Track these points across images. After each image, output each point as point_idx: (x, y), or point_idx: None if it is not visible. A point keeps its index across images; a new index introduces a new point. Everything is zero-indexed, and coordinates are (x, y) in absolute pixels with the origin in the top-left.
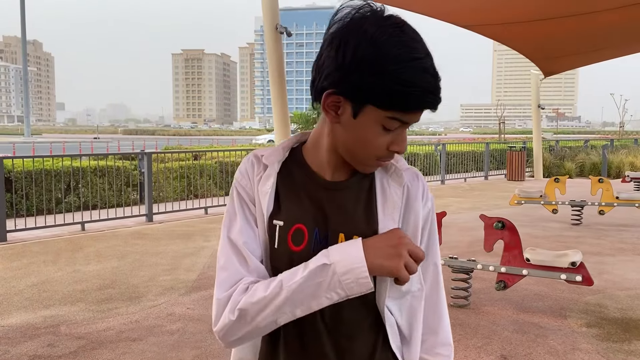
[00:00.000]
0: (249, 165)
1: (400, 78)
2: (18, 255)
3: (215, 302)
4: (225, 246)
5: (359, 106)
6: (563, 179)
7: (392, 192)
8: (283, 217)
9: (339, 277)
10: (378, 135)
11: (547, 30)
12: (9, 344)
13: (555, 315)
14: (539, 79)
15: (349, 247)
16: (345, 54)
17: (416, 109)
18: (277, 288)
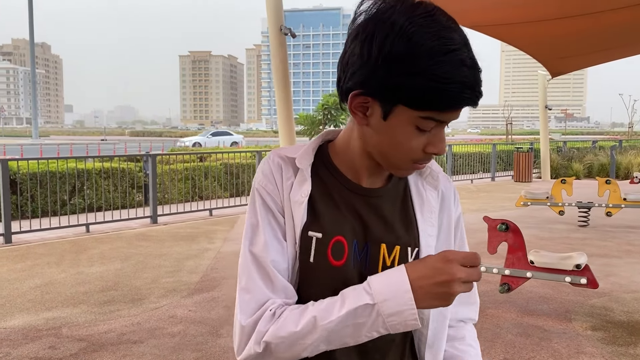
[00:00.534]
0: (274, 167)
1: (435, 74)
2: (22, 257)
3: (239, 329)
4: (248, 262)
5: (389, 107)
6: (570, 180)
7: (428, 196)
8: (321, 229)
9: (384, 319)
10: (412, 137)
11: (553, 30)
12: (11, 346)
13: (560, 318)
14: (546, 80)
15: (394, 283)
16: (372, 49)
17: (454, 107)
18: (309, 325)
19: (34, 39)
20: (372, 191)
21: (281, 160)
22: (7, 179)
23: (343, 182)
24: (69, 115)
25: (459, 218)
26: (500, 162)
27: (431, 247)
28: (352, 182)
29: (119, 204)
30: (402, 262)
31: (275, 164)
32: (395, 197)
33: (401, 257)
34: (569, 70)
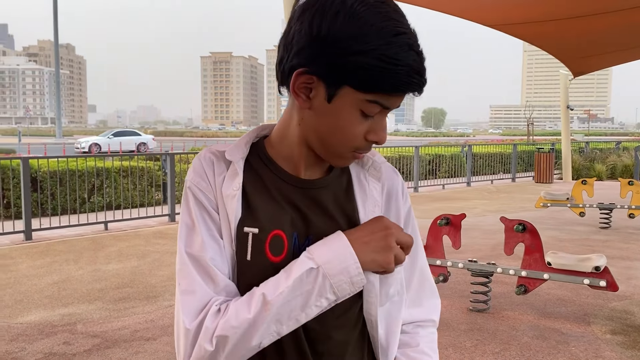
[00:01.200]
0: (205, 163)
1: (384, 54)
2: (42, 253)
3: (184, 334)
4: (186, 264)
5: (335, 88)
6: (591, 181)
7: (371, 188)
8: (257, 224)
9: (330, 280)
10: (356, 123)
11: (576, 29)
12: (26, 341)
13: (578, 321)
14: (568, 80)
15: (334, 244)
16: (321, 26)
17: (401, 90)
18: (259, 304)
19: (58, 40)
20: (311, 182)
21: (212, 156)
22: (27, 177)
23: (280, 175)
24: (93, 115)
25: (408, 212)
26: (521, 162)
27: None
28: (289, 174)
29: (137, 202)
30: None
31: (206, 160)
32: (336, 189)
33: None
34: (592, 70)
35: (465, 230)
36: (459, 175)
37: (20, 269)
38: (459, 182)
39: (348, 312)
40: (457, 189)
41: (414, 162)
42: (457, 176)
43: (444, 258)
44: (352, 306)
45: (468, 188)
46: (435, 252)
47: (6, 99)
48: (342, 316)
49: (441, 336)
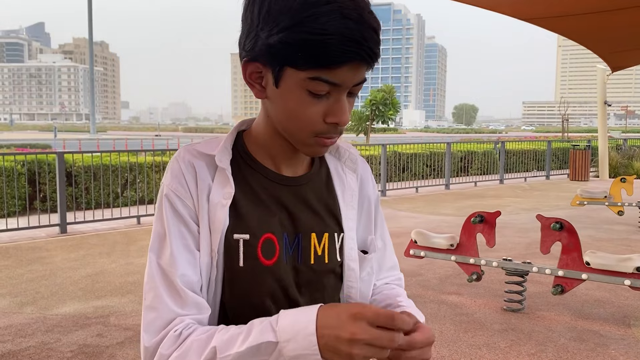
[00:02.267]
0: (185, 167)
1: (310, 26)
2: (76, 246)
3: (143, 350)
4: (155, 277)
5: (278, 71)
6: (630, 179)
7: (348, 180)
8: (247, 230)
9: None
10: (306, 104)
11: (615, 21)
12: (61, 333)
13: (618, 324)
14: (606, 75)
15: (301, 324)
16: (254, 12)
17: (335, 62)
18: (210, 356)
19: (92, 38)
20: (295, 180)
21: (194, 159)
22: (63, 171)
23: (264, 174)
24: (125, 111)
25: (377, 200)
26: (556, 160)
27: (352, 230)
28: (273, 173)
29: None
30: (331, 249)
31: (186, 163)
32: (318, 184)
33: (330, 245)
34: (631, 64)
35: (498, 228)
36: (492, 172)
37: (56, 262)
38: (492, 179)
39: (333, 298)
40: (489, 187)
41: (445, 158)
42: (489, 173)
43: (477, 256)
44: (336, 294)
45: (501, 185)
46: (468, 250)
47: (43, 95)
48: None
49: (475, 335)
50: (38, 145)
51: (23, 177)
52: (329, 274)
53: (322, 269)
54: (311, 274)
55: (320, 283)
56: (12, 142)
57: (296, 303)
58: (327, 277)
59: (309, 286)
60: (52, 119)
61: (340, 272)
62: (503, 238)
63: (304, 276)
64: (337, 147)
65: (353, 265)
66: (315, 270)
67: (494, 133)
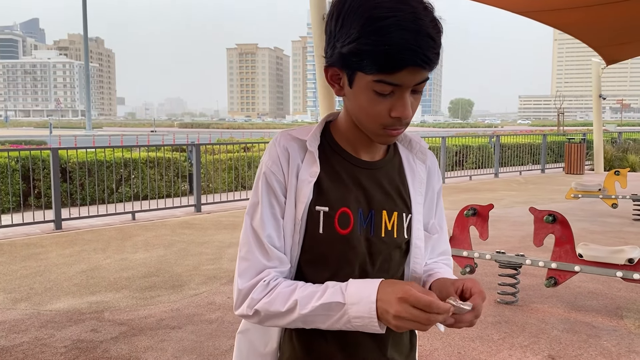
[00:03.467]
0: (281, 151)
1: (373, 38)
2: (71, 242)
3: (237, 292)
4: (248, 235)
5: (350, 74)
6: (624, 172)
7: (418, 170)
8: (327, 203)
9: (349, 318)
10: (374, 102)
11: (610, 15)
12: (55, 328)
13: (610, 315)
14: (601, 68)
15: (366, 291)
16: (332, 26)
17: (395, 68)
18: (292, 307)
19: (87, 33)
20: (372, 164)
21: (288, 143)
22: (57, 167)
23: (346, 158)
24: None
25: (440, 190)
26: (551, 153)
27: (420, 213)
28: (354, 157)
29: (164, 192)
30: (399, 226)
31: (281, 147)
32: (391, 169)
33: (399, 222)
34: (625, 58)
35: (492, 221)
36: (487, 166)
37: (50, 258)
38: (487, 173)
39: (398, 271)
40: (484, 180)
41: (440, 153)
42: (484, 167)
43: (470, 249)
44: (400, 267)
45: (496, 179)
46: (461, 243)
47: (38, 92)
48: (395, 274)
49: (468, 328)
50: (33, 141)
51: (17, 173)
52: (396, 248)
53: (391, 242)
54: (381, 245)
55: (388, 255)
56: (7, 138)
57: (364, 269)
58: (395, 250)
59: (379, 256)
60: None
61: (405, 248)
62: (497, 231)
63: (375, 247)
64: (409, 139)
65: (419, 244)
66: (385, 242)
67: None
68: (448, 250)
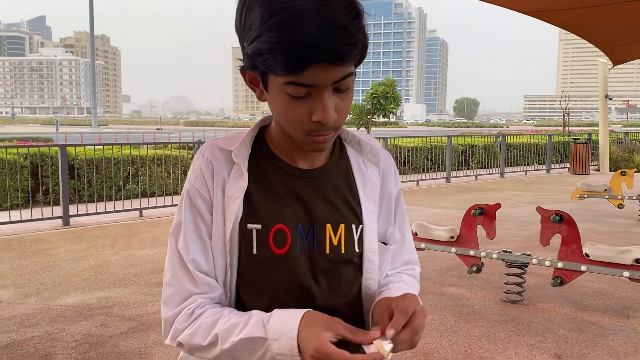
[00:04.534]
0: (204, 165)
1: (269, 35)
2: (79, 239)
3: (163, 320)
4: (173, 258)
5: (262, 76)
6: (630, 172)
7: (369, 173)
8: (259, 220)
9: (272, 355)
10: (290, 106)
11: (617, 15)
12: (65, 323)
13: (617, 315)
14: (607, 68)
15: (287, 326)
16: (237, 26)
17: (299, 66)
18: (213, 341)
19: (94, 31)
20: (311, 172)
21: (212, 156)
22: (65, 164)
23: (281, 167)
24: (127, 105)
25: (398, 194)
26: (556, 153)
27: (373, 223)
28: (290, 166)
29: (171, 189)
30: (348, 240)
31: (205, 161)
32: (336, 176)
33: (347, 235)
34: (632, 58)
35: (498, 221)
36: (492, 166)
37: (59, 253)
38: (492, 173)
39: (352, 288)
40: (490, 180)
41: (446, 152)
42: (490, 167)
43: (477, 248)
44: (354, 284)
45: (501, 179)
46: (468, 242)
47: (44, 89)
48: (348, 293)
49: (474, 326)
50: (40, 138)
51: (26, 170)
52: (346, 264)
53: (338, 259)
54: (327, 263)
55: (337, 272)
56: (14, 135)
57: (309, 291)
58: (345, 267)
59: (325, 275)
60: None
61: (359, 263)
62: (503, 231)
63: (320, 265)
64: (358, 140)
65: (372, 257)
66: (331, 259)
67: (495, 127)
68: (413, 259)
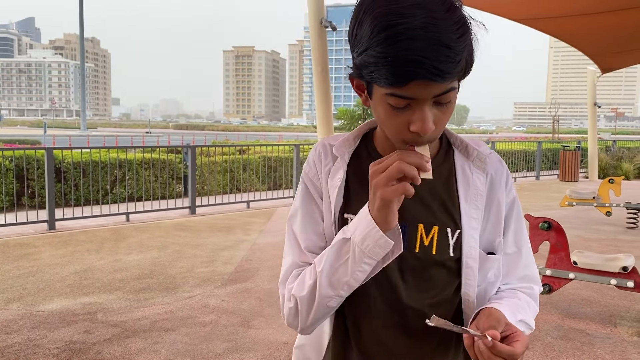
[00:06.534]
0: (316, 156)
1: (376, 50)
2: (64, 243)
3: (280, 298)
4: (289, 239)
5: (368, 85)
6: (618, 180)
7: (474, 179)
8: (355, 211)
9: (360, 247)
10: (391, 115)
11: (606, 24)
12: (48, 329)
13: (604, 323)
14: (596, 76)
15: (359, 216)
16: (350, 31)
17: (402, 82)
18: (314, 272)
19: (83, 33)
20: None
21: (322, 149)
22: (52, 167)
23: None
24: (116, 108)
25: (512, 203)
26: (546, 160)
27: (475, 229)
28: None
29: (159, 194)
30: (441, 242)
31: (317, 153)
32: (435, 179)
33: (440, 237)
34: (621, 66)
35: None
36: None
37: (43, 258)
38: None
39: (443, 292)
40: None
41: None
42: None
43: None
44: (447, 287)
45: None
46: None
47: (32, 91)
48: (437, 295)
49: None
50: (27, 141)
51: (11, 172)
52: (438, 266)
53: (428, 259)
54: (415, 261)
55: (426, 272)
56: (0, 137)
57: (395, 287)
58: (435, 269)
59: (412, 273)
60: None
61: (456, 268)
62: None
63: (407, 262)
64: (466, 145)
65: (472, 263)
66: (419, 258)
67: (485, 133)
68: (532, 276)
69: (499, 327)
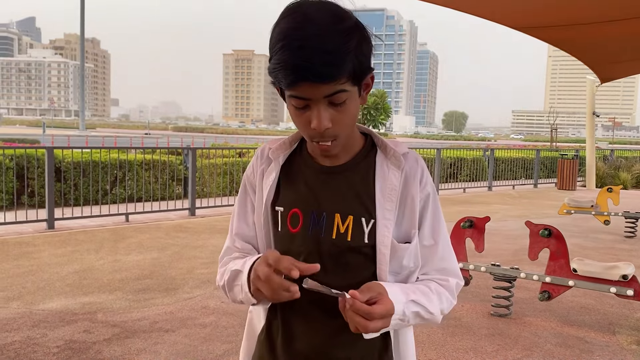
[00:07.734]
0: (254, 158)
1: (275, 58)
2: (64, 242)
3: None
4: (230, 225)
5: (281, 90)
6: (616, 189)
7: (390, 175)
8: (282, 204)
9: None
10: (295, 115)
11: (605, 33)
12: (48, 328)
13: (603, 331)
14: (595, 86)
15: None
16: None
17: (291, 84)
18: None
19: (84, 34)
20: (329, 169)
21: (261, 152)
22: (52, 166)
23: (307, 164)
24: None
25: (427, 198)
26: (544, 168)
27: (388, 220)
28: (314, 163)
29: (158, 195)
30: (356, 230)
31: (256, 155)
32: (354, 174)
33: (355, 226)
34: (620, 76)
35: (486, 234)
36: (481, 179)
37: (43, 257)
38: (480, 186)
39: (360, 275)
40: (478, 193)
41: (435, 164)
42: (478, 180)
43: (466, 261)
44: (364, 271)
45: (489, 192)
46: (457, 254)
47: (32, 90)
48: (354, 279)
49: (462, 340)
50: (26, 140)
51: (11, 171)
52: (353, 252)
53: (344, 245)
54: (332, 247)
55: (342, 258)
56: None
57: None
58: (351, 254)
59: (331, 258)
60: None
61: (371, 254)
62: (491, 244)
63: (326, 247)
64: (385, 145)
65: (384, 250)
66: (336, 244)
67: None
68: (450, 269)
69: (368, 292)
